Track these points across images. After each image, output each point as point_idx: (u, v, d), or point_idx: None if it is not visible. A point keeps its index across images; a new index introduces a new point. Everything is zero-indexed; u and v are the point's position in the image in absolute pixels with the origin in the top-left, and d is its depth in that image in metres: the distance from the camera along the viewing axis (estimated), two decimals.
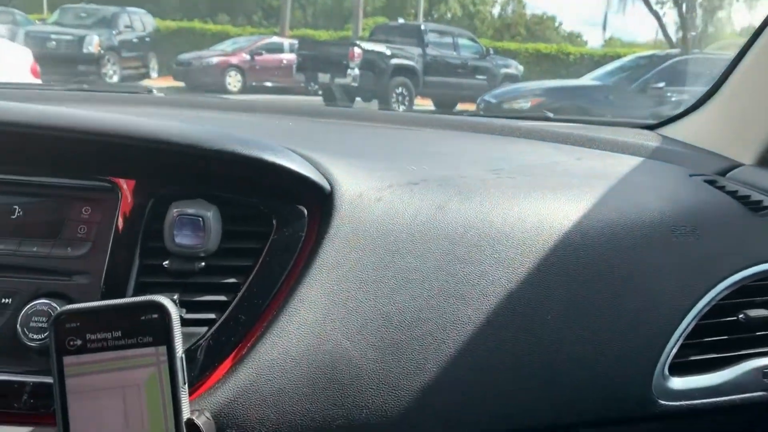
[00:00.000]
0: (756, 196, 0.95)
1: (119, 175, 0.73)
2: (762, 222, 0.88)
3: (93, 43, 12.33)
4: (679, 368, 0.79)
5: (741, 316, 0.82)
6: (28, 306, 0.67)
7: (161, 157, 0.72)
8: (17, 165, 0.73)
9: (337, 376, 0.69)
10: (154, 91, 1.43)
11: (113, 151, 0.71)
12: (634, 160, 1.08)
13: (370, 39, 12.68)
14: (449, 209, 0.78)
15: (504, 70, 13.34)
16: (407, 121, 1.34)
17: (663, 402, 0.77)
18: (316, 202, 0.75)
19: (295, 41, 13.32)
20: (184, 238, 0.70)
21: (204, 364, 0.68)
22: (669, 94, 7.26)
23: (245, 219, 0.74)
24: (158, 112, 1.18)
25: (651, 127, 1.31)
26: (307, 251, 0.73)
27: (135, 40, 13.85)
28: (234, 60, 13.36)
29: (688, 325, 0.79)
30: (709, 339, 0.81)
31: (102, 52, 12.54)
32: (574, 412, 0.75)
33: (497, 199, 0.81)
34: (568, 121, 1.40)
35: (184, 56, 13.41)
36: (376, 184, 0.79)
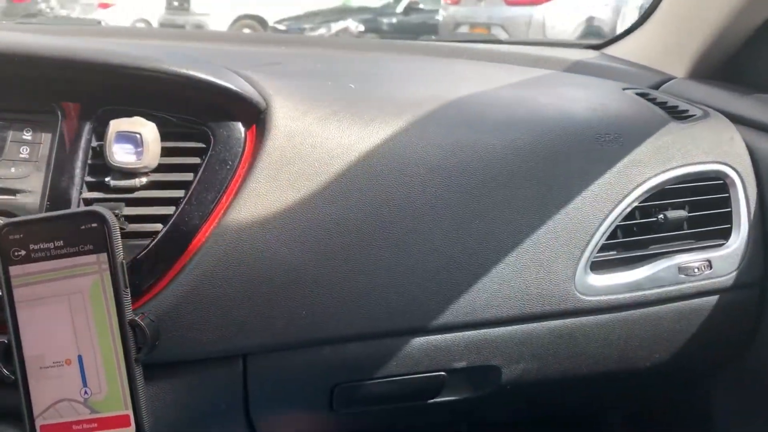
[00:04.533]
0: (683, 105, 0.99)
1: (58, 97, 0.75)
2: (684, 129, 0.92)
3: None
4: (601, 266, 0.85)
5: (660, 216, 0.87)
6: None
7: (99, 77, 0.74)
8: None
9: (275, 279, 0.73)
10: (103, 23, 1.43)
11: (51, 73, 0.73)
12: (572, 77, 1.12)
13: None
14: (382, 124, 0.81)
15: None
16: (359, 47, 1.35)
17: (584, 297, 0.83)
18: (252, 119, 0.78)
19: None
20: (123, 155, 0.73)
21: (148, 273, 0.72)
22: None
23: (184, 136, 0.76)
24: (105, 41, 1.18)
25: (597, 47, 1.34)
26: (245, 166, 0.76)
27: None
28: None
29: (609, 225, 0.84)
30: (630, 239, 0.87)
31: None
32: (500, 306, 0.80)
33: (431, 114, 0.84)
34: (517, 44, 1.43)
35: None
36: (311, 102, 0.82)
